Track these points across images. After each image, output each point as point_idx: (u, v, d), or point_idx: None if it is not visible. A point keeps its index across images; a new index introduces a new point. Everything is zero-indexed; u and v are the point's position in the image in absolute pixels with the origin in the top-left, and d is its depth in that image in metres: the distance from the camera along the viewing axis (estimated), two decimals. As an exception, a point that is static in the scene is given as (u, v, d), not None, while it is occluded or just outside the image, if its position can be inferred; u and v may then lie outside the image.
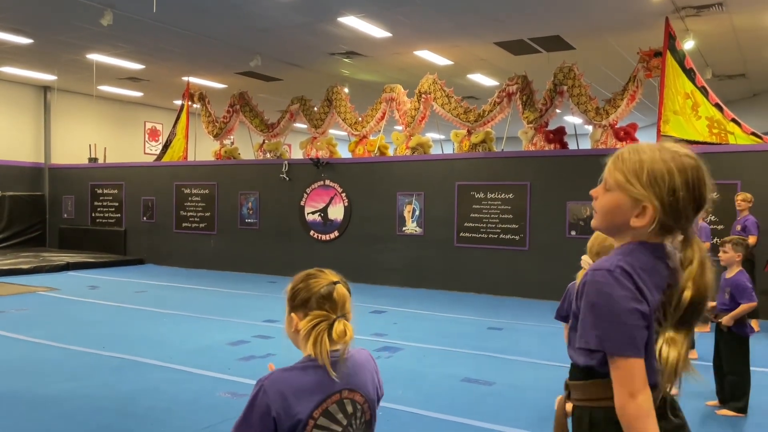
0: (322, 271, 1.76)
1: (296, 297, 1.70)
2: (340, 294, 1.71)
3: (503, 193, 10.38)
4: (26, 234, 15.59)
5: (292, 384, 1.60)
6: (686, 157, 1.34)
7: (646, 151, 1.36)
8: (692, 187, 1.32)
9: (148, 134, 19.42)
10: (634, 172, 1.34)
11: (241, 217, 13.04)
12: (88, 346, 6.30)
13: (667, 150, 1.35)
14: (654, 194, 1.31)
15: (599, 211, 1.40)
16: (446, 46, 11.78)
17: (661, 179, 1.31)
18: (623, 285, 1.28)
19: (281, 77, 14.61)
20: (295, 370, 1.63)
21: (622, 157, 1.39)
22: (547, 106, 10.50)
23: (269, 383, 1.59)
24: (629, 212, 1.34)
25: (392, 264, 11.31)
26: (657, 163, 1.32)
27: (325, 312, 1.65)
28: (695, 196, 1.32)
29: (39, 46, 12.24)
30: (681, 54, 9.23)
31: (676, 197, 1.30)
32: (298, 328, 1.66)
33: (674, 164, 1.32)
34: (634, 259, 1.32)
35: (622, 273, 1.29)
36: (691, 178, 1.32)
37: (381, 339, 6.90)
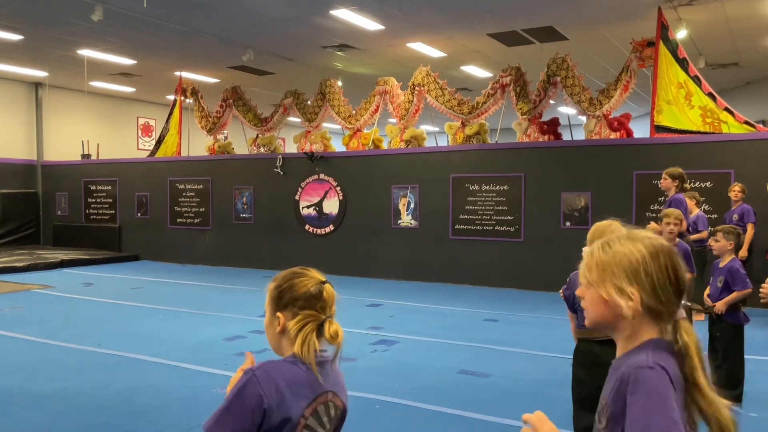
0: (307, 269, 1.71)
1: (283, 296, 1.64)
2: (330, 293, 1.66)
3: (498, 184, 10.38)
4: (20, 232, 15.52)
5: (287, 377, 1.54)
6: (657, 242, 1.39)
7: (619, 243, 1.40)
8: (668, 268, 1.36)
9: (141, 130, 19.34)
10: (608, 265, 1.39)
11: (236, 212, 13.02)
12: (83, 343, 6.29)
13: (638, 238, 1.40)
14: (635, 282, 1.35)
15: (589, 309, 1.43)
16: (439, 38, 11.74)
17: (634, 262, 1.36)
18: (664, 383, 1.30)
19: (274, 71, 14.55)
20: (287, 363, 1.58)
21: (594, 254, 1.43)
22: (540, 97, 10.50)
23: (262, 373, 1.52)
24: (617, 303, 1.37)
25: (388, 257, 11.32)
26: (631, 251, 1.37)
27: (315, 312, 1.61)
28: (672, 277, 1.36)
29: (29, 42, 12.15)
30: (674, 43, 9.23)
31: (652, 277, 1.35)
32: (286, 328, 1.61)
33: (647, 250, 1.37)
34: (661, 356, 1.33)
35: (660, 367, 1.31)
36: (663, 260, 1.36)
37: (377, 332, 6.91)
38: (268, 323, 1.67)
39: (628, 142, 9.63)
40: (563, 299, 3.43)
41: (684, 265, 1.40)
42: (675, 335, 1.36)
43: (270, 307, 1.67)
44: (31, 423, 4.17)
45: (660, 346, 1.35)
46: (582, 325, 3.20)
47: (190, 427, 4.09)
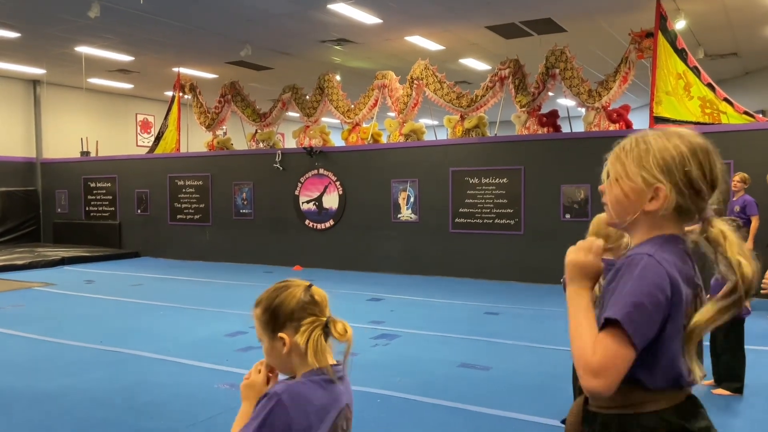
0: (287, 280, 1.63)
1: (278, 315, 1.54)
2: (320, 294, 1.60)
3: (497, 177, 10.38)
4: (20, 230, 15.53)
5: (314, 401, 1.47)
6: (694, 137, 1.33)
7: (652, 136, 1.35)
8: (703, 164, 1.30)
9: (140, 126, 19.31)
10: (641, 157, 1.32)
11: (236, 208, 13.02)
12: (85, 340, 6.30)
13: (673, 132, 1.34)
14: (664, 174, 1.29)
15: (611, 204, 1.37)
16: (437, 31, 11.71)
17: (671, 159, 1.29)
18: (659, 273, 1.25)
19: (272, 66, 14.52)
20: (310, 384, 1.50)
21: (624, 147, 1.37)
22: (539, 89, 10.48)
23: (289, 397, 1.44)
24: (642, 198, 1.31)
25: (388, 251, 11.32)
26: (665, 144, 1.31)
27: (314, 317, 1.54)
28: (707, 174, 1.30)
29: (27, 40, 12.12)
30: (672, 34, 9.21)
31: (688, 175, 1.28)
32: (295, 346, 1.52)
33: (683, 144, 1.31)
34: (666, 252, 1.28)
35: (662, 259, 1.26)
36: (702, 156, 1.30)
37: (378, 326, 6.92)
38: (270, 349, 1.57)
39: (627, 133, 9.54)
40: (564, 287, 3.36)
41: (720, 161, 1.34)
42: (706, 232, 1.30)
43: (266, 332, 1.57)
44: (33, 421, 4.18)
45: (671, 241, 1.30)
46: None
47: (192, 423, 4.10)
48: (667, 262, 1.26)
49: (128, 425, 4.09)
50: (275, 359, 1.58)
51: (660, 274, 1.24)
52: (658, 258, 1.26)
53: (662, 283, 1.24)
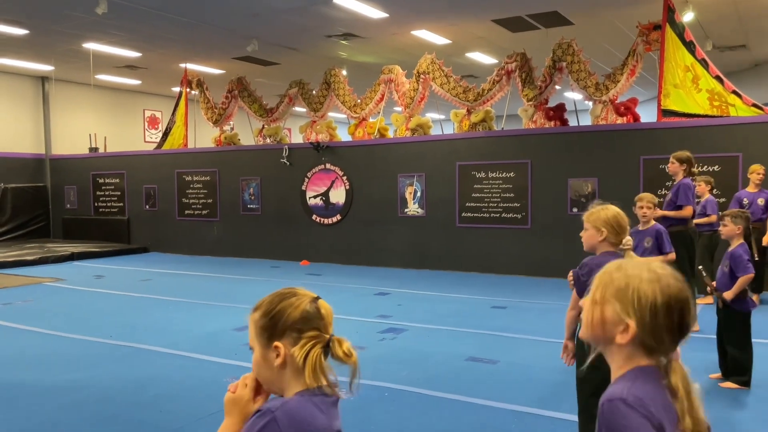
0: (293, 288, 1.49)
1: (278, 321, 1.41)
2: (327, 309, 1.46)
3: (504, 171, 10.36)
4: (30, 225, 15.64)
5: (311, 420, 1.33)
6: (673, 280, 1.35)
7: (633, 271, 1.37)
8: (673, 311, 1.32)
9: (148, 122, 19.38)
10: (619, 290, 1.35)
11: (243, 203, 13.06)
12: (94, 335, 6.36)
13: (653, 272, 1.36)
14: (634, 313, 1.32)
15: (586, 323, 1.41)
16: (444, 25, 11.68)
17: (644, 300, 1.32)
18: (640, 414, 1.25)
19: (279, 61, 14.53)
20: (307, 402, 1.36)
21: (609, 274, 1.40)
22: (546, 83, 10.44)
23: (284, 415, 1.30)
24: (614, 328, 1.35)
25: (395, 246, 11.34)
26: (642, 283, 1.33)
27: (318, 331, 1.41)
28: (675, 321, 1.32)
29: (35, 37, 12.18)
30: (680, 26, 9.15)
31: (656, 320, 1.31)
32: (289, 359, 1.39)
33: (658, 287, 1.33)
34: (640, 387, 1.30)
35: (635, 401, 1.27)
36: (674, 302, 1.32)
37: (386, 321, 6.94)
38: (261, 359, 1.43)
39: (634, 126, 9.58)
40: (572, 281, 3.26)
41: (693, 309, 1.36)
42: (666, 375, 1.33)
43: (261, 339, 1.43)
44: (43, 414, 4.23)
45: (645, 374, 1.32)
46: None
47: (201, 417, 4.14)
48: (642, 402, 1.27)
49: (137, 419, 4.13)
50: (265, 371, 1.44)
51: (636, 421, 1.25)
52: (631, 401, 1.26)
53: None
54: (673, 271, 1.39)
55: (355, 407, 4.24)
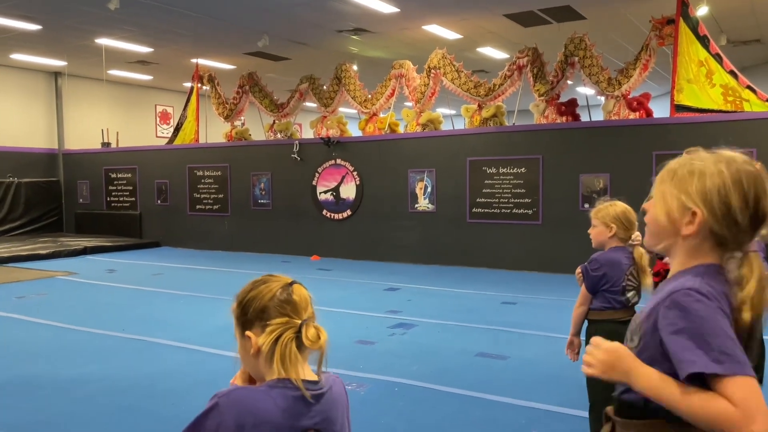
0: (271, 275, 1.47)
1: (248, 310, 1.39)
2: (300, 295, 1.40)
3: (515, 167, 10.32)
4: (43, 220, 15.78)
5: (255, 411, 1.28)
6: (744, 164, 1.25)
7: (699, 158, 1.29)
8: (747, 196, 1.22)
9: (160, 117, 19.47)
10: (684, 180, 1.27)
11: (254, 198, 13.10)
12: (107, 329, 6.41)
13: (722, 157, 1.27)
14: (703, 199, 1.23)
15: (649, 223, 1.33)
16: (455, 20, 11.63)
17: (711, 184, 1.23)
18: (712, 305, 1.19)
19: (289, 56, 14.54)
20: (262, 392, 1.32)
21: (672, 166, 1.32)
22: (558, 77, 10.38)
23: (227, 401, 1.28)
24: (678, 222, 1.26)
25: (405, 241, 11.34)
26: (710, 168, 1.25)
27: (287, 318, 1.35)
28: (751, 206, 1.22)
29: (48, 32, 12.26)
30: (694, 21, 9.06)
31: (727, 205, 1.22)
32: (259, 347, 1.35)
33: (728, 170, 1.24)
34: (709, 281, 1.23)
35: (709, 292, 1.20)
36: (746, 186, 1.22)
37: (395, 316, 6.94)
38: (241, 348, 1.42)
39: (647, 122, 9.50)
40: (581, 277, 3.23)
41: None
42: (738, 266, 1.24)
43: (237, 328, 1.42)
44: (56, 407, 4.27)
45: (712, 271, 1.24)
46: (605, 306, 3.16)
47: (212, 410, 4.16)
48: (714, 296, 1.20)
49: (150, 412, 4.16)
50: (245, 361, 1.42)
51: (710, 308, 1.18)
52: (705, 291, 1.19)
53: (716, 316, 1.18)
54: (746, 157, 1.29)
55: (365, 402, 4.25)
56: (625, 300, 3.13)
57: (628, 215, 3.13)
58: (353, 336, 6.02)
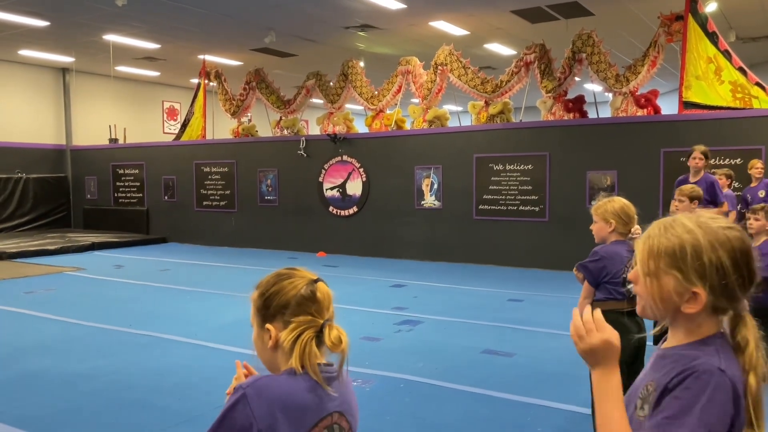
0: (295, 269, 1.47)
1: (270, 304, 1.40)
2: (324, 293, 1.42)
3: (522, 164, 10.30)
4: (51, 215, 15.87)
5: (283, 397, 1.30)
6: (729, 231, 1.22)
7: (685, 230, 1.24)
8: (741, 266, 1.20)
9: (167, 113, 19.52)
10: (674, 257, 1.22)
11: (261, 194, 13.12)
12: (115, 324, 6.44)
13: (706, 226, 1.23)
14: (701, 277, 1.20)
15: (644, 299, 1.28)
16: (462, 16, 11.60)
17: (708, 263, 1.19)
18: (727, 398, 1.16)
19: (296, 53, 14.54)
20: (284, 379, 1.34)
21: (656, 238, 1.26)
22: (565, 74, 10.34)
23: (253, 390, 1.28)
24: (678, 298, 1.22)
25: (411, 238, 11.33)
26: (700, 243, 1.21)
27: (310, 316, 1.38)
28: (746, 276, 1.21)
29: (56, 28, 12.30)
30: (703, 17, 9.00)
31: (726, 280, 1.19)
32: (279, 342, 1.37)
33: (718, 243, 1.20)
34: (726, 355, 1.19)
35: (732, 375, 1.17)
36: (740, 256, 1.20)
37: (401, 312, 6.95)
38: (257, 338, 1.44)
39: (655, 119, 9.46)
40: (583, 270, 3.29)
41: (755, 252, 1.23)
42: (734, 329, 1.22)
43: (256, 318, 1.43)
44: (65, 401, 4.30)
45: (723, 342, 1.21)
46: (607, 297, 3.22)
47: (218, 405, 4.16)
48: (734, 377, 1.18)
49: (156, 406, 4.19)
50: (260, 351, 1.44)
51: (727, 399, 1.16)
52: (729, 374, 1.16)
53: (726, 409, 1.15)
54: (725, 219, 1.27)
55: (370, 398, 4.26)
56: (626, 291, 3.14)
57: (626, 210, 3.22)
58: (359, 332, 6.03)
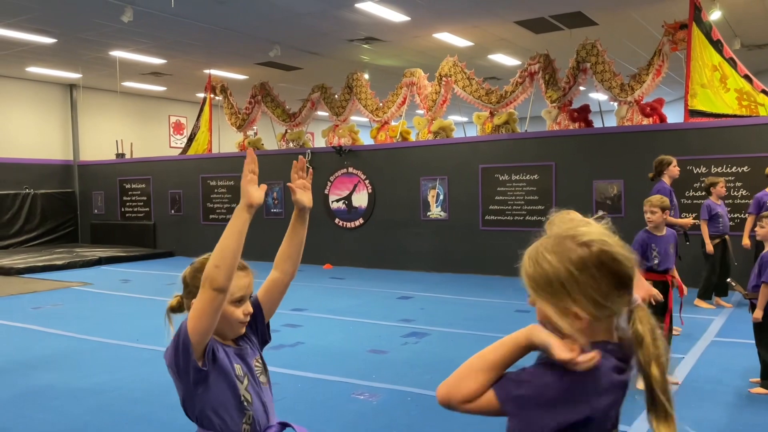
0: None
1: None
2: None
3: (528, 174, 10.28)
4: (59, 230, 15.94)
5: None
6: (582, 248, 1.25)
7: (545, 257, 1.29)
8: (605, 273, 1.24)
9: (173, 128, 19.63)
10: (541, 286, 1.29)
11: (267, 207, 13.14)
12: (122, 339, 6.44)
13: (561, 246, 1.28)
14: (573, 302, 1.25)
15: (541, 321, 1.34)
16: (466, 27, 11.64)
17: (570, 285, 1.25)
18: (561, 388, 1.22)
19: (301, 66, 14.61)
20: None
21: (524, 266, 1.35)
22: (570, 84, 10.34)
23: None
24: (561, 322, 1.26)
25: (418, 249, 11.31)
26: (558, 269, 1.26)
27: None
28: (614, 281, 1.24)
29: (62, 45, 12.42)
30: (707, 25, 9.00)
31: (598, 293, 1.24)
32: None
33: (571, 262, 1.25)
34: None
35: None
36: (596, 264, 1.24)
37: (408, 324, 6.92)
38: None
39: (661, 127, 9.43)
40: None
41: (621, 250, 1.25)
42: (632, 325, 1.26)
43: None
44: (72, 416, 4.29)
45: (605, 350, 1.25)
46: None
47: (226, 420, 4.15)
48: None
49: (163, 421, 4.17)
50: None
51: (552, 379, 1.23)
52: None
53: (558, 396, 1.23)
54: (579, 222, 1.33)
55: (377, 412, 4.22)
56: None
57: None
58: (366, 345, 6.00)
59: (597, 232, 1.28)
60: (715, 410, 4.18)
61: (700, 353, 5.57)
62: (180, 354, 1.75)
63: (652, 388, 1.23)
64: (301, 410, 4.28)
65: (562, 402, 1.22)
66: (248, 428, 1.74)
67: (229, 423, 1.72)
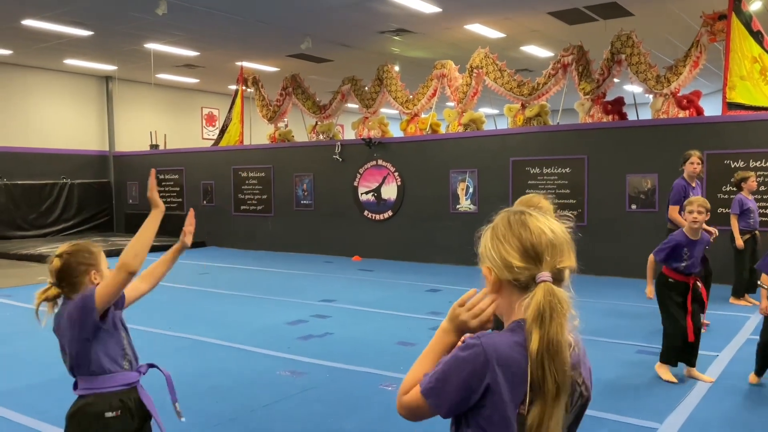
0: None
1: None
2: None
3: (560, 167, 10.16)
4: (95, 220, 16.31)
5: None
6: (502, 214, 1.41)
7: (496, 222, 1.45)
8: (504, 238, 1.34)
9: (205, 119, 19.87)
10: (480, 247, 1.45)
11: (297, 199, 13.24)
12: (155, 327, 6.57)
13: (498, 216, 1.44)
14: (488, 260, 1.38)
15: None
16: (498, 19, 11.52)
17: (484, 244, 1.42)
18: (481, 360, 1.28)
19: (332, 58, 14.65)
20: None
21: None
22: (604, 76, 10.17)
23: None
24: (489, 282, 1.39)
25: (446, 242, 11.28)
26: (484, 232, 1.45)
27: None
28: (514, 243, 1.33)
29: (99, 38, 12.65)
30: (747, 15, 8.75)
31: (497, 254, 1.35)
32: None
33: (491, 228, 1.42)
34: (500, 343, 1.29)
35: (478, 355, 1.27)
36: (502, 231, 1.36)
37: (437, 317, 6.91)
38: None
39: (698, 120, 9.22)
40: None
41: (534, 220, 1.36)
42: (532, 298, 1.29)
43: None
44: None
45: (521, 327, 1.30)
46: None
47: (254, 408, 4.22)
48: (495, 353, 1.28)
49: (194, 409, 4.25)
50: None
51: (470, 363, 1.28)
52: (481, 345, 1.28)
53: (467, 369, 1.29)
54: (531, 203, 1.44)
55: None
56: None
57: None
58: (395, 337, 6.02)
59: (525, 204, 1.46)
60: (750, 408, 4.10)
61: (735, 351, 5.46)
62: (84, 313, 2.31)
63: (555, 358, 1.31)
64: (329, 400, 4.32)
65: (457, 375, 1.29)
66: (128, 366, 2.55)
67: (117, 362, 2.48)
